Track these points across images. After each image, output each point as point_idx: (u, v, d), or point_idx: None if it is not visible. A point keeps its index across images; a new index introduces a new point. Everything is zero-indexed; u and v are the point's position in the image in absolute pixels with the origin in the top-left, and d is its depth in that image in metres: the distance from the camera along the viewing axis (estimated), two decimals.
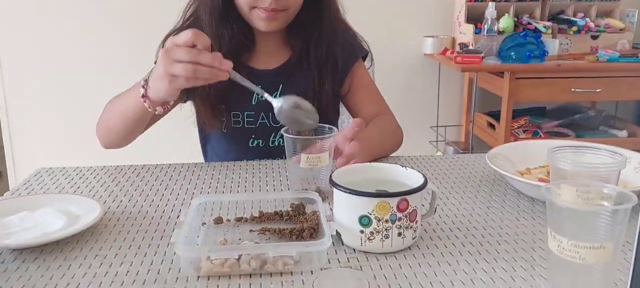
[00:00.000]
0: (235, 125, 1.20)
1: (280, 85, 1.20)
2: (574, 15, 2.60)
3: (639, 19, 2.64)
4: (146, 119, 1.04)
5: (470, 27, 2.45)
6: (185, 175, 1.05)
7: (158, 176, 1.05)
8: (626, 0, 2.67)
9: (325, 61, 1.18)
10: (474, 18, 2.53)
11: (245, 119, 1.20)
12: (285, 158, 0.94)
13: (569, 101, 2.65)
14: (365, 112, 1.23)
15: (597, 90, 2.34)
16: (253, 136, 1.21)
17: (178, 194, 0.95)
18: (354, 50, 1.26)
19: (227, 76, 0.88)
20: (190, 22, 1.18)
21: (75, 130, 2.65)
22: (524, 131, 2.47)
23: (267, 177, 1.04)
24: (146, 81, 0.95)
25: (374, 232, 0.71)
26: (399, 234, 0.72)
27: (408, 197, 0.71)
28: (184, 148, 1.57)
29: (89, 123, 2.60)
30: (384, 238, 0.71)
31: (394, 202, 0.70)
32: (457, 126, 2.91)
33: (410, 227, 0.73)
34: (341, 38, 1.21)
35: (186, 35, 0.85)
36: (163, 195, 0.95)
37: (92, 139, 1.15)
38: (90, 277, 0.67)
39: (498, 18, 2.40)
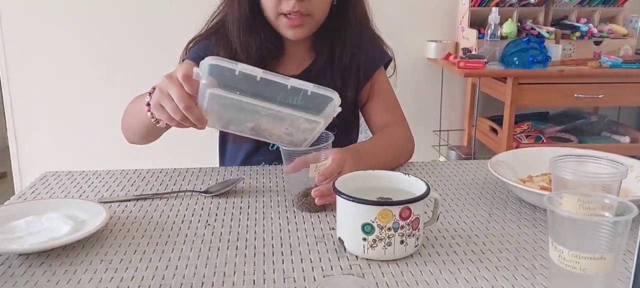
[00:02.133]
0: None
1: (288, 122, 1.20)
2: (577, 21, 2.60)
3: None
4: (157, 129, 1.02)
5: (474, 32, 2.46)
6: (190, 180, 1.06)
7: (163, 180, 1.05)
8: (629, 6, 2.67)
9: (348, 67, 1.18)
10: (477, 23, 2.53)
11: None
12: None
13: (572, 106, 2.64)
14: (378, 120, 1.23)
15: (600, 96, 2.34)
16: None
17: (183, 199, 0.96)
18: (376, 57, 1.25)
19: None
20: (216, 30, 1.18)
21: (81, 131, 2.67)
22: (527, 136, 2.47)
23: (277, 182, 1.05)
24: (154, 88, 0.94)
25: (377, 239, 0.72)
26: (402, 242, 0.72)
27: (410, 205, 0.71)
28: (196, 149, 1.56)
29: (94, 124, 2.62)
30: (386, 246, 0.72)
31: (396, 210, 0.71)
32: (460, 130, 2.91)
33: (413, 235, 0.73)
34: (365, 43, 1.21)
35: (180, 76, 0.84)
36: (168, 200, 0.96)
37: (98, 141, 1.16)
38: (96, 282, 0.68)
39: (501, 23, 2.40)
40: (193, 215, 0.89)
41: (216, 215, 0.89)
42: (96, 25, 2.59)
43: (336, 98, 0.87)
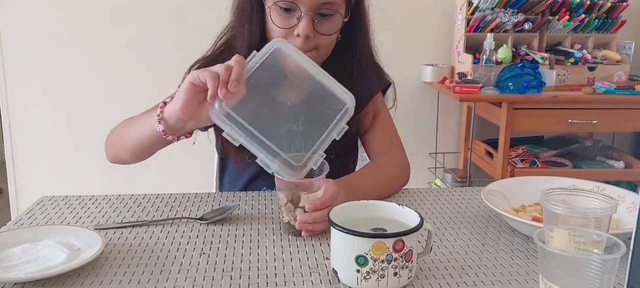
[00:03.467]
0: None
1: (302, 117, 1.20)
2: (571, 47, 2.63)
3: (636, 50, 2.67)
4: (160, 145, 1.03)
5: (469, 57, 2.48)
6: (186, 206, 1.06)
7: (159, 206, 1.06)
8: (623, 33, 2.70)
9: (352, 84, 1.17)
10: (473, 48, 2.56)
11: None
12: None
13: (566, 132, 2.66)
14: (375, 147, 1.24)
15: (594, 122, 2.36)
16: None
17: (178, 226, 0.96)
18: (375, 82, 1.26)
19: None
20: (222, 51, 1.19)
21: (79, 150, 2.67)
22: (522, 160, 2.48)
23: (272, 208, 1.05)
24: (164, 103, 0.95)
25: (370, 271, 0.72)
26: (395, 274, 0.73)
27: (404, 238, 0.72)
28: (195, 174, 1.56)
29: (92, 145, 2.62)
30: (379, 278, 0.72)
31: (390, 242, 0.71)
32: (455, 153, 2.92)
33: (406, 267, 0.74)
34: (365, 70, 1.21)
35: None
36: (163, 226, 0.96)
37: (96, 161, 1.15)
38: None
39: (496, 49, 2.43)
40: (188, 242, 0.89)
41: (211, 243, 0.89)
42: (97, 47, 2.61)
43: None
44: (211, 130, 1.23)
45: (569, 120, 2.34)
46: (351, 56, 1.19)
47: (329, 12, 1.08)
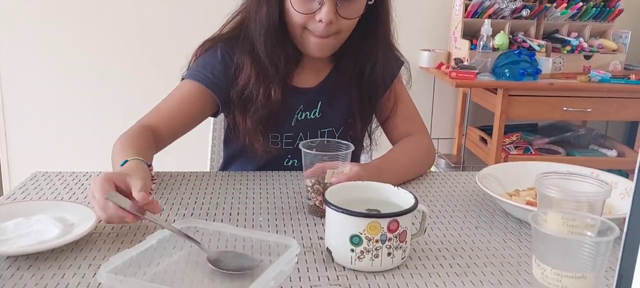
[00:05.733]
0: (273, 146, 1.16)
1: (319, 103, 1.18)
2: (568, 35, 2.63)
3: (632, 40, 2.67)
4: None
5: (466, 43, 2.48)
6: (181, 184, 1.06)
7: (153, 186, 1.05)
8: (620, 22, 2.70)
9: (368, 78, 1.17)
10: (470, 34, 2.55)
11: (284, 141, 1.18)
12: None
13: (560, 119, 2.67)
14: (399, 130, 1.23)
15: (588, 110, 2.36)
16: (289, 156, 1.20)
17: (173, 204, 0.96)
18: (393, 65, 1.23)
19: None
20: (236, 33, 1.13)
21: (72, 132, 2.65)
22: (516, 147, 2.49)
23: (279, 186, 1.05)
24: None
25: (365, 251, 0.72)
26: (389, 254, 0.73)
27: (399, 218, 0.72)
28: (192, 148, 1.54)
29: (85, 126, 2.61)
30: (373, 258, 0.73)
31: (384, 222, 0.71)
32: (450, 139, 2.93)
33: (400, 247, 0.74)
34: (382, 53, 1.17)
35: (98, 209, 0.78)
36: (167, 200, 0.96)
37: (88, 142, 1.15)
38: (84, 286, 0.68)
39: (493, 35, 2.43)
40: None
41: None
42: (88, 26, 2.59)
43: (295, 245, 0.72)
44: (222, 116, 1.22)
45: (564, 108, 2.34)
46: (374, 41, 1.14)
47: None
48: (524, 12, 2.51)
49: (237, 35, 1.14)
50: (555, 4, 2.54)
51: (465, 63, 2.39)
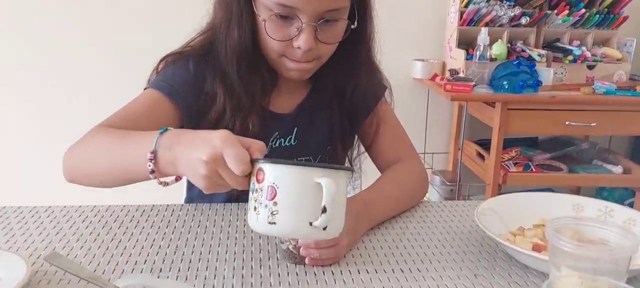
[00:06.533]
0: None
1: (295, 129, 1.10)
2: (570, 43, 2.55)
3: (637, 48, 2.59)
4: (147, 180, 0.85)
5: (462, 53, 2.38)
6: (135, 221, 0.95)
7: (123, 221, 0.94)
8: (624, 29, 2.62)
9: (349, 98, 1.09)
10: (466, 43, 2.46)
11: None
12: None
13: (563, 134, 2.58)
14: (386, 156, 1.14)
15: (592, 124, 2.27)
16: None
17: (126, 248, 0.85)
18: (376, 87, 1.16)
19: None
20: (203, 52, 1.03)
21: (39, 144, 2.54)
22: (515, 164, 2.39)
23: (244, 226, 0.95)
24: (154, 153, 0.76)
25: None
26: (254, 208, 0.67)
27: (266, 167, 0.66)
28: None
29: (54, 138, 2.49)
30: (248, 209, 0.69)
31: (256, 167, 0.68)
32: (445, 154, 2.84)
33: (266, 206, 0.66)
34: (364, 74, 1.09)
35: (241, 169, 0.68)
36: (108, 248, 0.85)
37: (55, 156, 0.99)
38: None
39: (491, 44, 2.34)
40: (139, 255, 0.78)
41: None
42: (55, 37, 2.48)
43: None
44: None
45: (567, 122, 2.26)
46: (355, 61, 1.06)
47: (332, 18, 0.94)
48: (523, 20, 2.43)
49: (208, 51, 1.03)
50: (556, 11, 2.46)
51: (461, 74, 2.30)
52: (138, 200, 1.03)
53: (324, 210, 0.65)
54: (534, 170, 2.38)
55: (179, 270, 0.79)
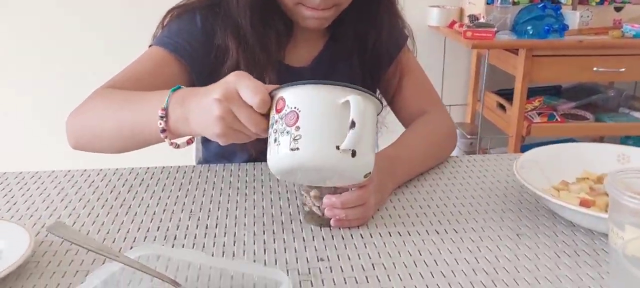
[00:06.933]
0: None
1: None
2: None
3: None
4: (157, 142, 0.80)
5: None
6: (145, 184, 0.89)
7: (132, 185, 0.89)
8: None
9: (371, 48, 1.02)
10: None
11: None
12: None
13: (590, 81, 2.49)
14: (411, 108, 1.07)
15: (621, 70, 2.18)
16: None
17: (136, 214, 0.80)
18: (399, 35, 1.08)
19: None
20: (209, 7, 0.96)
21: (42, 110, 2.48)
22: (539, 114, 2.31)
23: (270, 184, 0.89)
24: (165, 110, 0.71)
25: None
26: (275, 140, 0.61)
27: (286, 93, 0.61)
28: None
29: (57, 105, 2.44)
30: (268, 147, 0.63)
31: (275, 99, 0.62)
32: (462, 105, 2.75)
33: (288, 133, 0.59)
34: (387, 21, 1.02)
35: (259, 98, 0.62)
36: (117, 215, 0.79)
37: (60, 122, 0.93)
38: None
39: None
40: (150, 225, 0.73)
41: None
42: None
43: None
44: None
45: (594, 69, 2.16)
46: (376, 7, 0.99)
47: None
48: None
49: (217, 2, 0.96)
50: None
51: (482, 20, 2.20)
52: (147, 163, 0.97)
53: (352, 124, 0.57)
54: (558, 120, 2.30)
55: (195, 237, 0.73)
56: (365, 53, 1.03)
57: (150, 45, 0.96)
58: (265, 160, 0.63)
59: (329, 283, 0.63)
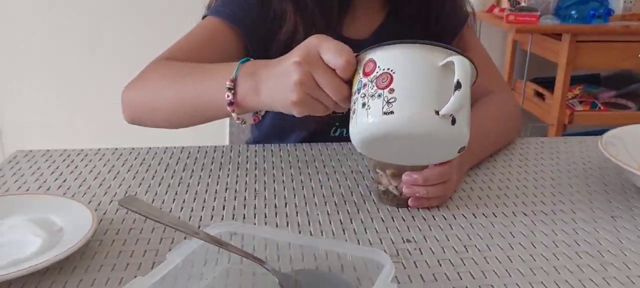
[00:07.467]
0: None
1: None
2: None
3: None
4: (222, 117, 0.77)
5: None
6: (199, 163, 0.85)
7: (168, 163, 0.85)
8: None
9: (434, 24, 0.96)
10: None
11: None
12: None
13: (634, 68, 2.42)
14: (475, 89, 1.02)
15: None
16: (337, 124, 0.99)
17: (197, 193, 0.75)
18: (461, 10, 1.03)
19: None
20: None
21: (61, 103, 2.46)
22: (580, 102, 2.25)
23: (332, 163, 0.84)
24: (234, 82, 0.67)
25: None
26: (363, 105, 0.55)
27: (377, 54, 0.56)
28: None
29: (83, 83, 2.41)
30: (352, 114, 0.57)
31: (362, 63, 0.58)
32: None
33: (380, 96, 0.54)
34: None
35: (345, 58, 0.59)
36: (177, 193, 0.75)
37: (82, 114, 0.92)
38: None
39: None
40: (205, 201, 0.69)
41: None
42: None
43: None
44: None
45: (639, 55, 2.09)
46: None
47: None
48: None
49: None
50: None
51: (523, 4, 2.14)
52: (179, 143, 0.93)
53: (458, 85, 0.52)
54: (601, 108, 2.24)
55: (265, 216, 0.69)
56: (427, 28, 0.98)
57: (204, 16, 0.92)
58: (320, 140, 0.58)
59: (422, 265, 0.59)
